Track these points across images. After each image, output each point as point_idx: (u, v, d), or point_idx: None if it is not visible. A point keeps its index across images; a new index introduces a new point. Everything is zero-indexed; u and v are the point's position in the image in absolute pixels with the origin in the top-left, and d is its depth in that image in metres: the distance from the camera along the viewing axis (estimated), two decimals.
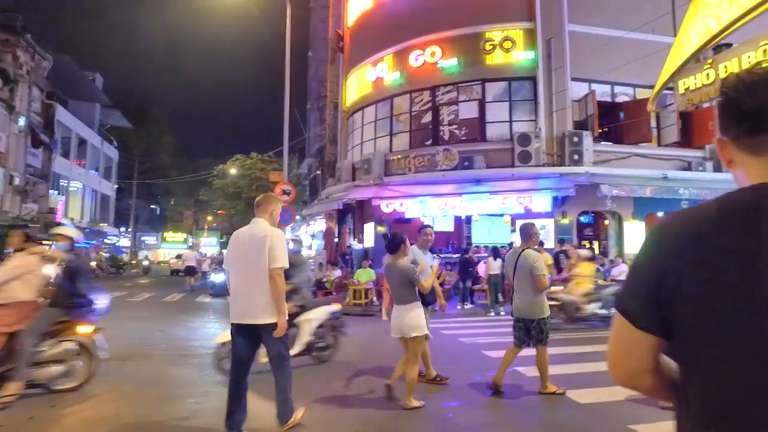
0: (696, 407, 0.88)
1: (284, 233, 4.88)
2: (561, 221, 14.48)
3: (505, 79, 15.14)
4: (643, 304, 0.92)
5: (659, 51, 13.36)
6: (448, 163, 14.38)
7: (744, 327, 0.80)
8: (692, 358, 0.88)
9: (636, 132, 14.61)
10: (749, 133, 0.92)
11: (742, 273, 0.81)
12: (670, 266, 0.88)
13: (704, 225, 0.88)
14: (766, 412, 0.79)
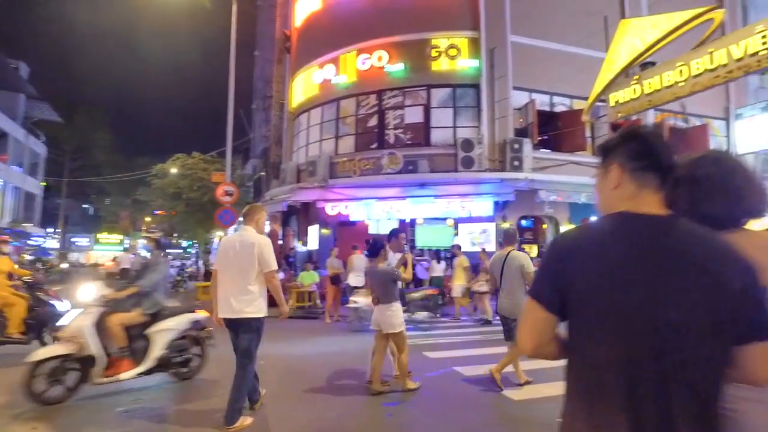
0: (579, 359, 1.25)
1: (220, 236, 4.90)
2: (502, 225, 14.88)
3: (450, 85, 15.44)
4: (550, 294, 1.27)
5: (593, 65, 14.03)
6: (393, 166, 14.47)
7: (606, 307, 1.18)
8: (577, 328, 1.25)
9: (572, 141, 15.27)
10: (645, 169, 1.28)
11: (606, 273, 1.19)
12: (566, 268, 1.25)
13: (584, 240, 1.28)
14: (620, 360, 1.15)
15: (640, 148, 1.30)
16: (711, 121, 18.09)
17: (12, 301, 6.54)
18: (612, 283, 1.17)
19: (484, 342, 8.37)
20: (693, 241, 1.18)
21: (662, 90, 9.65)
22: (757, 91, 18.32)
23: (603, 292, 1.18)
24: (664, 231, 1.20)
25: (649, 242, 1.18)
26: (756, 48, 8.24)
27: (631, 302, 1.15)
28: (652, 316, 1.12)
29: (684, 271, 1.14)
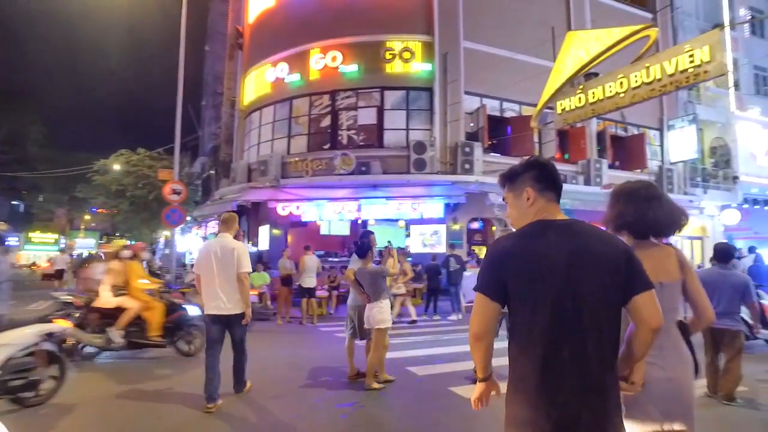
0: (517, 339, 1.66)
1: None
2: (452, 227, 15.18)
3: (404, 88, 15.60)
4: (494, 287, 1.67)
5: (542, 73, 14.57)
6: (345, 167, 14.46)
7: (536, 295, 1.61)
8: (516, 314, 1.66)
9: (521, 145, 15.76)
10: (550, 189, 1.77)
11: (533, 268, 1.62)
12: (503, 265, 1.66)
13: (519, 239, 1.71)
14: (545, 338, 1.58)
15: (542, 174, 1.78)
16: (647, 130, 19.15)
17: (152, 305, 6.87)
18: (540, 269, 1.61)
19: (435, 342, 8.50)
20: (589, 235, 1.67)
21: (605, 100, 10.12)
22: (686, 105, 19.54)
23: (535, 276, 1.61)
24: (570, 231, 1.67)
25: (562, 237, 1.64)
26: (685, 65, 8.81)
27: (554, 281, 1.59)
28: (569, 288, 1.58)
29: (586, 256, 1.61)
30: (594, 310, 1.57)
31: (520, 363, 1.63)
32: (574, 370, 1.54)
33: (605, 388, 1.57)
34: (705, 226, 20.03)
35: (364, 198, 14.68)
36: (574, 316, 1.57)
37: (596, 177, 16.65)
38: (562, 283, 1.58)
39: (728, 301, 4.98)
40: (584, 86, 10.67)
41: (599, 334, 1.57)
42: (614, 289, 1.60)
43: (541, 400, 1.55)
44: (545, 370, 1.56)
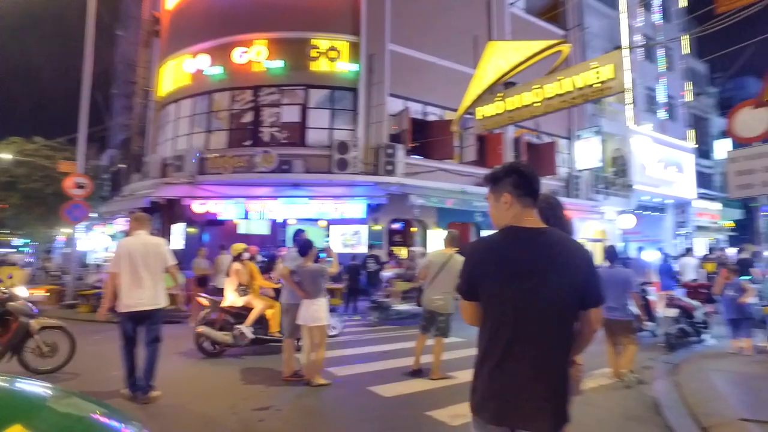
0: (485, 331, 1.85)
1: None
2: (373, 227, 15.31)
3: (329, 87, 15.52)
4: (469, 291, 1.89)
5: (463, 80, 15.09)
6: (266, 165, 14.13)
7: (501, 297, 1.79)
8: (486, 310, 1.85)
9: (442, 149, 16.23)
10: (526, 195, 1.87)
11: (500, 272, 1.80)
12: (475, 269, 1.87)
13: (490, 246, 1.89)
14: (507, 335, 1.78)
15: (521, 180, 1.88)
16: (558, 139, 20.44)
17: (272, 304, 7.39)
18: (506, 274, 1.79)
19: (356, 342, 8.53)
20: (557, 244, 1.82)
21: (522, 108, 10.65)
22: (592, 117, 21.11)
23: (501, 280, 1.79)
24: (538, 239, 1.82)
25: (529, 246, 1.80)
26: (591, 81, 9.51)
27: (519, 285, 1.76)
28: (532, 292, 1.75)
29: (549, 264, 1.76)
30: (549, 314, 1.76)
31: (486, 351, 1.84)
32: (529, 363, 1.75)
33: (556, 378, 1.78)
34: (605, 229, 21.74)
35: (286, 197, 14.42)
36: (530, 317, 1.76)
37: None
38: (523, 287, 1.75)
39: (618, 295, 5.64)
40: (503, 94, 11.16)
41: (551, 335, 1.77)
42: (571, 299, 1.78)
43: (499, 383, 1.77)
44: (505, 361, 1.76)
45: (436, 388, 5.49)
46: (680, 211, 24.98)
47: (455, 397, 4.97)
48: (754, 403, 4.46)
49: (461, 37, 16.81)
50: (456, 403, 4.74)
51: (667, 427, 4.14)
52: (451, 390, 5.36)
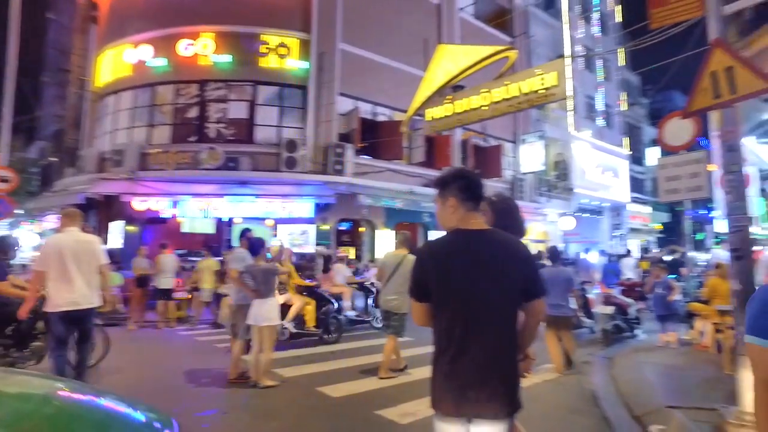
0: (439, 329, 1.97)
1: None
2: (321, 227, 15.20)
3: (278, 84, 15.25)
4: (418, 292, 1.99)
5: (414, 81, 15.24)
6: (212, 162, 13.71)
7: (449, 294, 1.92)
8: (437, 311, 1.96)
9: (391, 149, 16.33)
10: (470, 200, 2.01)
11: (449, 268, 1.93)
12: (425, 272, 1.97)
13: (438, 249, 2.02)
14: (457, 328, 1.90)
15: (466, 185, 2.01)
16: (504, 143, 21.05)
17: (308, 300, 8.06)
18: (453, 273, 1.91)
19: (303, 342, 8.42)
20: (498, 244, 1.97)
21: (470, 111, 10.84)
22: (536, 122, 21.90)
23: (449, 278, 1.92)
24: (481, 239, 1.96)
25: (474, 247, 1.94)
26: (536, 87, 9.81)
27: (464, 283, 1.90)
28: (480, 289, 1.89)
29: (493, 262, 1.92)
30: (496, 308, 1.91)
31: (441, 348, 1.96)
32: (482, 355, 1.88)
33: (507, 367, 1.93)
34: (547, 231, 22.59)
35: (232, 195, 14.07)
36: (479, 312, 1.89)
37: None
38: (471, 285, 1.89)
39: (561, 293, 5.95)
40: (452, 97, 11.34)
41: (499, 327, 1.92)
42: (515, 293, 1.94)
43: (455, 377, 1.89)
44: (459, 356, 1.89)
45: (386, 387, 5.52)
46: (616, 214, 26.36)
47: (405, 395, 5.02)
48: (679, 391, 4.80)
49: (412, 39, 16.98)
50: (405, 401, 4.80)
51: (604, 417, 4.36)
52: (400, 388, 5.41)
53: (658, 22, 4.32)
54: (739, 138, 3.80)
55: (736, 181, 3.72)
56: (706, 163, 7.73)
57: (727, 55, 3.81)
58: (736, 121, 3.84)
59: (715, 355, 6.46)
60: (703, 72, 3.91)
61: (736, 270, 3.63)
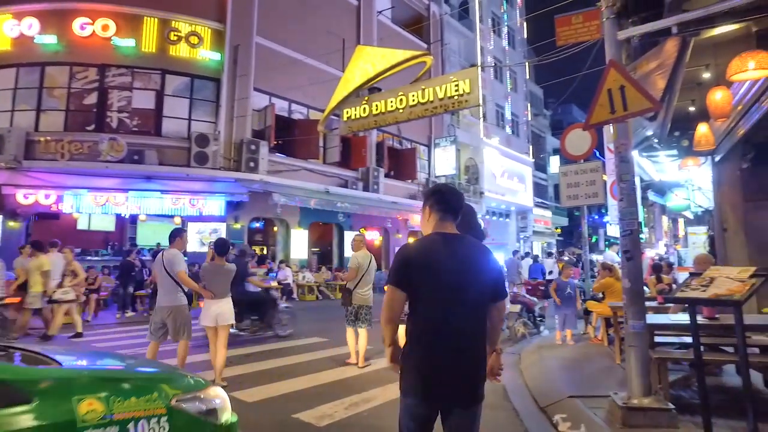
0: (416, 324, 2.14)
1: None
2: (233, 226, 14.66)
3: (189, 75, 14.47)
4: (402, 280, 2.13)
5: (331, 80, 15.18)
6: (113, 154, 12.70)
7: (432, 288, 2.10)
8: (416, 303, 2.14)
9: (307, 148, 16.13)
10: (443, 210, 2.26)
11: (431, 268, 2.11)
12: (408, 265, 2.14)
13: (421, 247, 2.21)
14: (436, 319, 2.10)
15: (440, 199, 2.27)
16: (418, 146, 21.57)
17: None
18: (433, 271, 2.11)
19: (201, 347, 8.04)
20: (473, 247, 2.22)
21: (386, 113, 10.97)
22: (449, 127, 22.68)
23: (432, 274, 2.10)
24: (459, 242, 2.20)
25: (450, 248, 2.16)
26: (451, 93, 10.14)
27: (443, 281, 2.09)
28: (456, 287, 2.10)
29: (470, 261, 2.16)
30: (472, 303, 2.13)
31: (416, 333, 2.14)
32: (455, 347, 2.08)
33: (475, 354, 2.14)
34: None
35: (135, 190, 13.16)
36: (457, 306, 2.10)
37: (374, 184, 18.02)
38: (452, 282, 2.10)
39: None
40: (369, 98, 11.41)
41: (474, 320, 2.14)
42: (486, 294, 2.18)
43: (430, 366, 2.07)
44: (435, 347, 2.07)
45: (302, 390, 5.40)
46: (521, 218, 27.96)
47: (322, 397, 4.95)
48: (578, 382, 5.19)
49: (330, 38, 16.90)
50: (322, 404, 4.73)
51: (514, 410, 4.58)
52: (317, 390, 5.32)
53: (563, 40, 4.63)
54: (630, 150, 4.16)
55: (627, 189, 4.07)
56: (602, 173, 8.44)
57: (619, 75, 4.16)
58: (628, 135, 4.19)
59: (607, 348, 7.06)
60: (601, 89, 4.23)
61: (628, 270, 3.97)
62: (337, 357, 6.99)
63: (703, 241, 9.77)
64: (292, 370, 6.08)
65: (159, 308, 5.42)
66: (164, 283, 5.38)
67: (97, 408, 1.78)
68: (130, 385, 2.04)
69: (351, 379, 5.79)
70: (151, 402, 1.98)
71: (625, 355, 4.13)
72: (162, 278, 5.39)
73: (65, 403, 1.73)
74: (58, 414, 1.69)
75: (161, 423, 1.97)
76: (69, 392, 1.78)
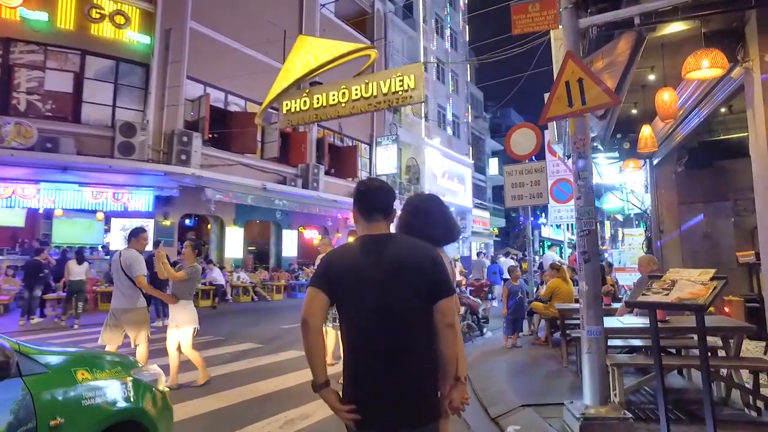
0: (346, 335, 1.94)
1: None
2: (163, 222, 13.64)
3: (114, 57, 13.28)
4: (324, 284, 1.89)
5: (270, 72, 14.48)
6: (21, 140, 11.36)
7: (355, 297, 1.88)
8: (342, 311, 1.94)
9: (243, 142, 15.33)
10: (368, 210, 1.99)
11: (353, 276, 1.89)
12: (329, 267, 1.94)
13: (342, 253, 2.04)
14: (363, 332, 1.88)
15: (361, 197, 2.01)
16: (360, 144, 21.20)
17: None
18: (358, 277, 1.88)
19: None
20: (403, 246, 1.96)
21: (328, 107, 10.56)
22: (391, 126, 22.48)
23: (354, 282, 1.88)
24: (387, 243, 1.95)
25: (379, 250, 1.92)
26: (395, 88, 9.89)
27: (370, 287, 1.86)
28: (382, 294, 1.84)
29: (398, 264, 1.87)
30: (403, 311, 1.85)
31: (347, 344, 1.94)
32: (383, 354, 1.83)
33: (411, 369, 1.85)
34: None
35: (49, 182, 11.91)
36: (385, 316, 1.84)
37: (314, 181, 17.46)
38: (377, 289, 1.85)
39: None
40: (310, 91, 10.94)
41: (406, 330, 1.85)
42: (422, 295, 1.86)
43: (360, 373, 1.88)
44: (362, 357, 1.88)
45: (231, 406, 4.85)
46: (461, 218, 28.25)
47: (254, 413, 4.45)
48: (529, 389, 4.98)
49: (271, 29, 16.14)
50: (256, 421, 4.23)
51: (464, 421, 4.29)
52: (249, 405, 4.79)
53: (519, 29, 4.41)
54: (589, 146, 3.98)
55: (585, 187, 3.88)
56: (546, 173, 8.42)
57: (577, 67, 3.96)
58: (586, 130, 4.01)
59: (552, 350, 6.98)
60: (559, 81, 4.03)
61: (585, 272, 3.78)
62: (273, 366, 6.46)
63: (640, 243, 10.05)
64: (218, 382, 5.52)
65: (114, 311, 5.14)
66: (121, 285, 5.17)
67: (87, 376, 2.41)
68: (102, 362, 2.68)
69: (288, 391, 5.30)
70: (118, 373, 2.64)
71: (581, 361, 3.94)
72: (119, 280, 5.19)
73: (68, 372, 2.36)
74: (66, 379, 2.32)
75: (128, 386, 2.62)
76: (69, 365, 2.41)
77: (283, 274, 16.92)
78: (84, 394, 2.32)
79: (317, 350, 1.88)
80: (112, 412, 2.45)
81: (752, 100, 4.12)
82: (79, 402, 2.28)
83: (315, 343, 1.87)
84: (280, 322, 10.61)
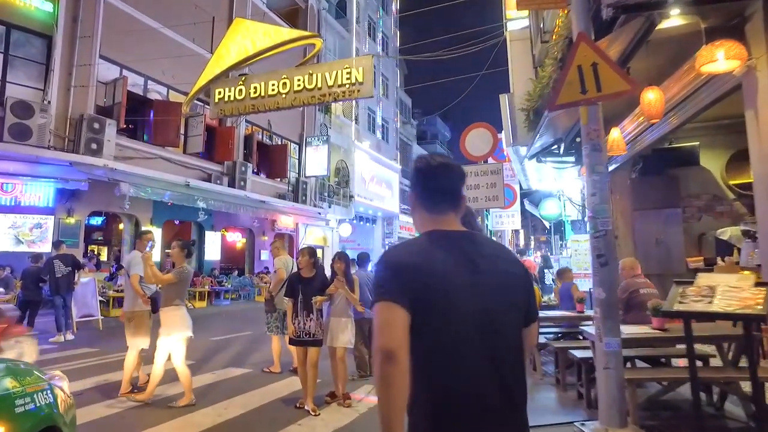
0: (429, 361, 1.29)
1: None
2: (65, 220, 11.88)
3: (4, 23, 11.38)
4: (403, 295, 1.28)
5: (196, 60, 13.26)
6: None
7: (447, 316, 1.30)
8: (424, 331, 1.28)
9: (165, 134, 13.88)
10: (435, 195, 1.48)
11: (446, 285, 1.32)
12: (412, 276, 1.31)
13: (419, 250, 1.41)
14: (455, 349, 1.30)
15: (429, 176, 1.51)
16: (290, 143, 20.20)
17: None
18: (451, 283, 1.33)
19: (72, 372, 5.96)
20: (493, 248, 1.49)
21: (266, 97, 9.73)
22: (322, 126, 21.73)
23: (447, 291, 1.32)
24: (474, 243, 1.43)
25: (465, 251, 1.39)
26: (342, 81, 9.30)
27: (468, 297, 1.32)
28: (484, 304, 1.33)
29: (501, 273, 1.40)
30: (509, 332, 1.39)
31: (423, 380, 1.28)
32: (499, 393, 1.32)
33: (519, 404, 1.39)
34: (326, 236, 22.55)
35: None
36: (494, 337, 1.34)
37: (241, 180, 16.29)
38: (479, 302, 1.34)
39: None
40: (245, 79, 10.03)
41: (517, 356, 1.40)
42: (521, 312, 1.44)
43: (460, 412, 1.30)
44: (461, 393, 1.30)
45: None
46: (387, 223, 28.00)
47: None
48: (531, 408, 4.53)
49: (198, 13, 14.82)
50: None
51: None
52: None
53: (523, 5, 3.98)
54: (603, 137, 3.62)
55: (600, 182, 3.51)
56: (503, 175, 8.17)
57: (591, 50, 3.60)
58: (599, 120, 3.65)
59: None
60: (570, 65, 3.65)
61: (601, 278, 3.38)
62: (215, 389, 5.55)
63: (586, 249, 10.13)
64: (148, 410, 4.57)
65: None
66: (125, 287, 5.48)
67: (16, 384, 2.45)
68: (24, 372, 2.67)
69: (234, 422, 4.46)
70: (38, 381, 2.65)
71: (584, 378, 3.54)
72: (125, 282, 5.52)
73: (2, 381, 2.41)
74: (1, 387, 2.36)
75: (47, 393, 2.62)
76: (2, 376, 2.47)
77: (206, 279, 15.54)
78: (16, 402, 2.34)
79: (402, 398, 1.21)
80: (40, 418, 2.47)
81: (755, 101, 3.98)
82: (12, 410, 2.29)
83: (402, 385, 1.21)
84: (208, 333, 9.51)
